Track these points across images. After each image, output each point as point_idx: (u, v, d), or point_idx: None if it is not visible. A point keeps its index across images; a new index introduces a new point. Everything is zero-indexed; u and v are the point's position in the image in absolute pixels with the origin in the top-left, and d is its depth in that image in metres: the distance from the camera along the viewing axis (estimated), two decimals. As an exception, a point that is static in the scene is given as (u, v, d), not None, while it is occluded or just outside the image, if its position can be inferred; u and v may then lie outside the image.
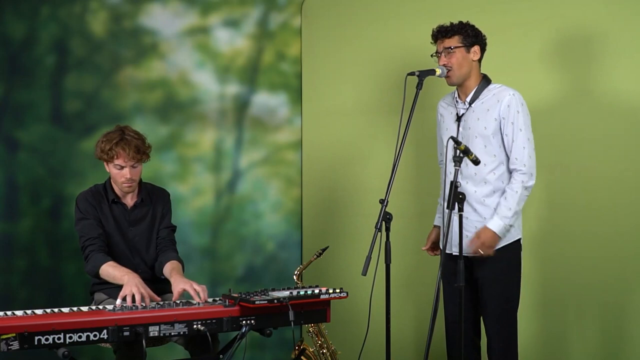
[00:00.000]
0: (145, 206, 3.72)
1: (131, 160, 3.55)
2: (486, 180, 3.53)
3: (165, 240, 3.74)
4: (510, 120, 3.48)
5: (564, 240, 4.11)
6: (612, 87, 3.97)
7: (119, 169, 3.56)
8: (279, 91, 4.99)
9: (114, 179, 3.62)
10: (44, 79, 4.67)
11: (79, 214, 3.62)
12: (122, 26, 4.79)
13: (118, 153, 3.53)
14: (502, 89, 3.54)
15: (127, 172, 3.56)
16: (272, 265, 4.97)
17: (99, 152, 3.58)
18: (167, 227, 3.76)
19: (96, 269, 3.48)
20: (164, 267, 3.63)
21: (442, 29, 3.58)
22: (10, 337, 2.86)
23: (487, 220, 3.50)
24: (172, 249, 3.72)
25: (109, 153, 3.53)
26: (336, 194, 4.91)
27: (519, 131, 3.47)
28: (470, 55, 3.56)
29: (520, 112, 3.49)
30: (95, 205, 3.63)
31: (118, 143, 3.53)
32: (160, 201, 3.77)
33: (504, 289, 3.55)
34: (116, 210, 3.67)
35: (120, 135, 3.56)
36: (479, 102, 3.55)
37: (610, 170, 3.97)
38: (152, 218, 3.73)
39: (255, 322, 3.21)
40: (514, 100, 3.49)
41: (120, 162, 3.54)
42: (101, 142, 3.58)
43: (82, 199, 3.65)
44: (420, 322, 4.50)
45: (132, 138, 3.56)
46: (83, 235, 3.59)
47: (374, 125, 4.71)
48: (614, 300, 3.99)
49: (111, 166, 3.58)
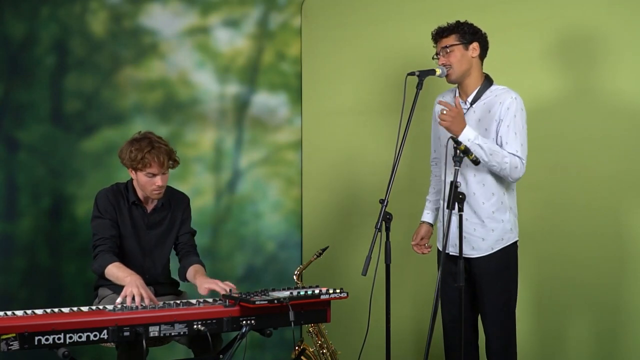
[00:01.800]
0: (164, 210, 3.71)
1: (164, 169, 3.53)
2: (484, 183, 3.52)
3: (187, 245, 3.75)
4: (506, 122, 3.47)
5: (563, 240, 4.11)
6: (612, 87, 3.97)
7: (150, 177, 3.52)
8: (279, 91, 4.99)
9: (143, 187, 3.57)
10: (44, 79, 4.67)
11: (96, 212, 3.61)
12: (122, 26, 4.79)
13: (151, 162, 3.49)
14: (504, 91, 3.53)
15: (158, 180, 3.53)
16: (272, 265, 4.98)
17: (128, 160, 3.52)
18: (187, 232, 3.77)
19: (102, 268, 3.49)
20: (187, 271, 3.66)
21: (440, 29, 3.58)
22: (10, 337, 2.86)
23: (484, 224, 3.50)
24: (194, 253, 3.75)
25: (141, 162, 3.48)
26: (336, 194, 4.91)
27: (514, 135, 3.47)
28: (469, 52, 3.55)
29: (517, 116, 3.48)
30: (115, 204, 3.61)
31: (150, 152, 3.48)
32: (180, 206, 3.76)
33: (502, 290, 3.55)
34: (135, 212, 3.65)
35: (149, 143, 3.51)
36: (481, 103, 3.55)
37: (610, 170, 3.97)
38: (170, 223, 3.73)
39: (255, 322, 3.21)
40: (514, 104, 3.48)
41: (153, 170, 3.50)
42: (129, 150, 3.52)
43: (102, 196, 3.63)
44: (420, 322, 4.51)
45: (160, 145, 3.53)
46: (96, 233, 3.58)
47: (374, 125, 4.71)
48: (612, 300, 3.99)
49: (141, 174, 3.53)
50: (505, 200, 3.54)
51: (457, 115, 3.39)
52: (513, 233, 3.56)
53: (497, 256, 3.51)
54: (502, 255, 3.53)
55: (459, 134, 3.38)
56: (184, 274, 3.69)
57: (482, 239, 3.52)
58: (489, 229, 3.51)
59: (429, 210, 3.86)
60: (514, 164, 3.43)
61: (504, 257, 3.53)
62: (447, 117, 3.38)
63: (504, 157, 3.42)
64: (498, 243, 3.52)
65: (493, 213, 3.51)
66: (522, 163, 3.47)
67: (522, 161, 3.47)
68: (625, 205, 3.95)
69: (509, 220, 3.54)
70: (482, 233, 3.52)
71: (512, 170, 3.44)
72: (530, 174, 3.89)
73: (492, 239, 3.52)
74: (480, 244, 3.52)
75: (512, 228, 3.55)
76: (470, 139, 3.37)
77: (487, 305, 3.55)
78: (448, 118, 3.38)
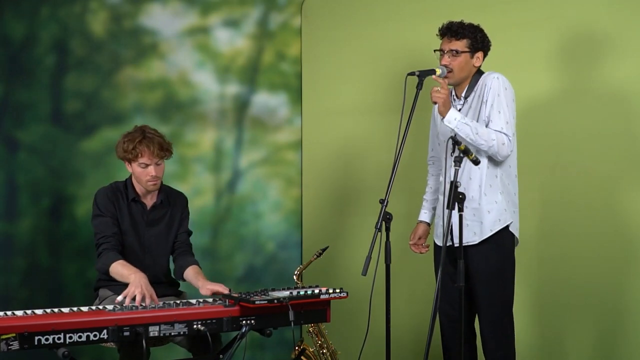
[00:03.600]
0: (164, 208, 3.72)
1: (156, 158, 3.55)
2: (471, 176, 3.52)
3: (183, 244, 3.76)
4: (490, 102, 3.48)
5: (562, 240, 4.10)
6: (612, 87, 3.96)
7: (144, 167, 3.56)
8: (279, 91, 4.99)
9: (138, 178, 3.61)
10: (44, 79, 4.67)
11: (96, 210, 3.62)
12: (122, 26, 4.79)
13: (142, 151, 3.53)
14: (488, 74, 3.56)
15: (152, 170, 3.56)
16: (272, 265, 4.97)
17: (122, 152, 3.57)
18: (185, 232, 3.78)
19: (107, 266, 3.49)
20: (184, 271, 3.66)
21: (453, 27, 3.55)
22: (10, 337, 2.86)
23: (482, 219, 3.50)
24: (190, 253, 3.75)
25: (132, 152, 3.53)
26: (336, 194, 4.91)
27: (497, 113, 3.47)
28: (473, 60, 3.56)
29: (501, 95, 3.48)
30: (114, 202, 3.63)
31: (142, 141, 3.53)
32: (179, 205, 3.77)
33: (498, 288, 3.53)
34: (135, 209, 3.66)
35: (141, 133, 3.56)
36: (473, 94, 3.56)
37: (611, 170, 3.97)
38: (169, 220, 3.73)
39: (255, 322, 3.21)
40: (496, 83, 3.49)
41: (144, 160, 3.54)
42: (123, 142, 3.57)
43: (101, 195, 3.64)
44: (420, 322, 4.50)
45: (154, 135, 3.58)
46: (98, 232, 3.59)
47: (374, 125, 4.71)
48: (612, 301, 3.99)
49: (135, 165, 3.57)
50: (496, 183, 3.52)
51: (447, 96, 3.42)
52: (507, 213, 3.53)
53: (492, 245, 3.50)
54: (498, 249, 3.51)
55: (444, 114, 3.43)
56: (181, 273, 3.68)
57: (480, 222, 3.51)
58: (485, 211, 3.50)
59: (426, 209, 3.86)
60: (500, 141, 3.44)
61: (499, 251, 3.52)
62: (440, 94, 3.42)
63: (490, 133, 3.43)
64: (496, 224, 3.50)
65: (486, 195, 3.50)
66: (508, 140, 3.46)
67: (509, 138, 3.46)
68: (625, 205, 3.95)
69: (502, 201, 3.52)
70: (480, 216, 3.51)
71: (499, 148, 3.44)
72: (530, 173, 3.90)
73: (490, 220, 3.50)
74: (480, 227, 3.51)
75: (506, 209, 3.53)
76: (456, 118, 3.42)
77: (482, 304, 3.54)
78: (442, 95, 3.42)
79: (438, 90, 3.42)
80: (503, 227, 3.51)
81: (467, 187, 3.49)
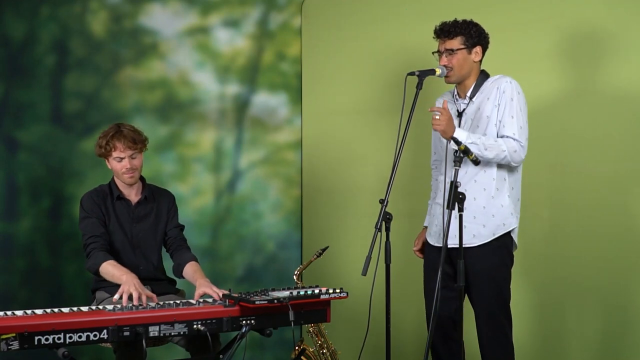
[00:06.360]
0: (149, 203, 3.75)
1: (128, 150, 3.59)
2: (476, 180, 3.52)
3: (177, 239, 3.77)
4: (503, 106, 3.47)
5: (563, 240, 4.10)
6: (614, 87, 3.96)
7: (119, 161, 3.61)
8: (279, 91, 4.99)
9: (117, 173, 3.65)
10: (44, 79, 4.68)
11: (83, 213, 3.66)
12: (122, 26, 4.79)
13: (115, 145, 3.59)
14: (499, 77, 3.55)
15: (126, 163, 3.60)
16: (272, 265, 4.97)
17: (98, 148, 3.64)
18: (176, 227, 3.79)
19: (96, 266, 3.50)
20: (183, 268, 3.66)
21: (445, 28, 3.55)
22: (10, 337, 2.86)
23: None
24: (186, 248, 3.76)
25: (106, 147, 3.60)
26: (336, 194, 4.91)
27: (511, 118, 3.46)
28: (471, 56, 3.56)
29: (514, 100, 3.47)
30: (100, 203, 3.66)
31: (114, 136, 3.60)
32: (165, 200, 3.80)
33: (495, 287, 3.51)
34: (120, 206, 3.69)
35: (115, 129, 3.63)
36: (479, 94, 3.56)
37: (612, 169, 3.96)
38: (156, 216, 3.75)
39: (255, 322, 3.21)
40: (509, 87, 3.48)
41: (118, 153, 3.59)
42: (98, 139, 3.65)
43: (86, 198, 3.69)
44: (420, 322, 4.49)
45: (127, 131, 3.63)
46: (86, 233, 3.61)
47: (374, 125, 4.71)
48: (613, 301, 3.98)
49: (111, 160, 3.63)
50: (504, 186, 3.51)
51: (448, 119, 3.38)
52: (512, 218, 3.52)
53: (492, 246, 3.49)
54: (497, 249, 3.50)
55: (449, 137, 3.36)
56: (179, 270, 3.69)
57: (483, 226, 3.50)
58: (490, 214, 3.50)
59: (430, 215, 3.83)
60: (512, 149, 3.42)
61: (498, 250, 3.50)
62: (440, 122, 3.37)
63: (499, 145, 3.41)
64: (500, 229, 3.50)
65: (493, 198, 3.50)
66: (520, 146, 3.45)
67: (521, 144, 3.46)
68: (626, 205, 3.95)
69: (509, 205, 3.52)
70: (482, 220, 3.50)
71: (512, 156, 3.43)
72: (531, 173, 3.90)
73: (493, 224, 3.49)
74: (481, 230, 3.50)
75: (512, 212, 3.52)
76: (463, 139, 3.36)
77: (478, 304, 3.53)
78: (442, 122, 3.37)
79: (437, 118, 3.37)
80: (505, 232, 3.51)
81: (469, 189, 3.48)
